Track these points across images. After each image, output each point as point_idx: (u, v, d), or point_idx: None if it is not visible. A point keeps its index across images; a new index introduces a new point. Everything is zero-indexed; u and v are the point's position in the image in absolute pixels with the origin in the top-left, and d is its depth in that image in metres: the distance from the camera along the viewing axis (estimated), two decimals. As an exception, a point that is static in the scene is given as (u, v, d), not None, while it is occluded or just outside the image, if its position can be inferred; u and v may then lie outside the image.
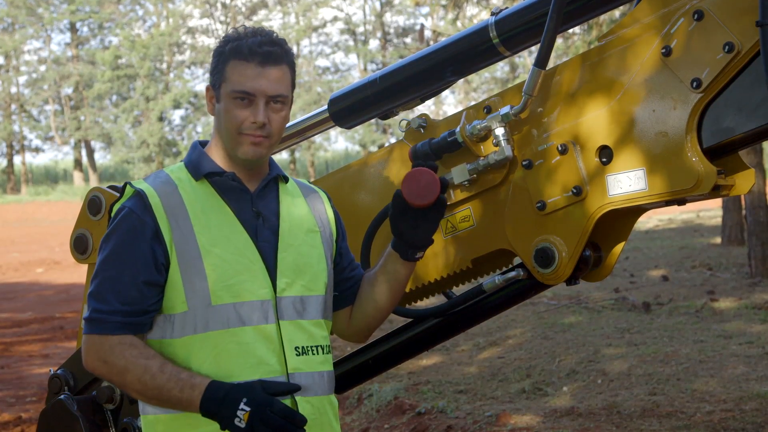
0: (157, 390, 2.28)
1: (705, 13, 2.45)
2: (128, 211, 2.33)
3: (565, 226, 2.68)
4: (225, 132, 2.38)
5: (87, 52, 50.12)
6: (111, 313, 2.30)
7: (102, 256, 2.34)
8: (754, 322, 8.35)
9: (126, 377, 2.30)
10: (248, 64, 2.34)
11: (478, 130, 2.79)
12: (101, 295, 2.31)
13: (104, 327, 2.30)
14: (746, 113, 2.46)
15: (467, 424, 5.82)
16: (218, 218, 2.36)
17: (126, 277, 2.30)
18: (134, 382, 2.29)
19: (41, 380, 8.20)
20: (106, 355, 2.30)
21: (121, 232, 2.33)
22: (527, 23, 2.82)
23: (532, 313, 9.42)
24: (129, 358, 2.29)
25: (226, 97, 2.36)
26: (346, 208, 3.12)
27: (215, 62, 2.39)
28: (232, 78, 2.35)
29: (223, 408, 2.23)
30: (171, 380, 2.27)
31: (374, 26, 48.95)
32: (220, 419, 2.24)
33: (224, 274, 2.32)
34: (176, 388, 2.27)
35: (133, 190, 2.36)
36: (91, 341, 2.32)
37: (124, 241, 2.32)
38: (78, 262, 3.67)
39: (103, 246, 2.35)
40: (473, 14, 24.62)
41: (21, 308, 13.40)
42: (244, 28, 2.40)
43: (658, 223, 20.99)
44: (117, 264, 2.31)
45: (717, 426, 5.36)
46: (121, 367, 2.29)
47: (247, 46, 2.35)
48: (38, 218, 34.39)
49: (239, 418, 2.21)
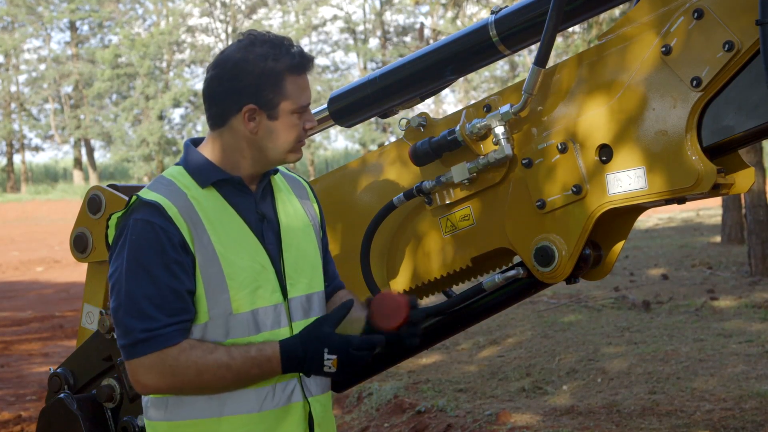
0: (237, 378, 2.27)
1: (705, 11, 2.45)
2: (146, 222, 2.26)
3: (564, 225, 2.68)
4: (281, 147, 2.35)
5: (87, 51, 50.10)
6: (163, 327, 2.24)
7: (127, 272, 2.25)
8: (754, 321, 8.35)
9: (203, 379, 2.26)
10: (300, 76, 2.35)
11: (477, 128, 2.79)
12: (144, 312, 2.23)
13: (160, 341, 2.24)
14: (746, 112, 2.46)
15: (467, 422, 5.82)
16: (230, 225, 2.34)
17: (164, 289, 2.24)
18: (213, 381, 2.26)
19: (41, 379, 8.20)
20: (173, 367, 2.24)
21: (146, 245, 2.25)
22: (527, 22, 2.82)
23: (531, 311, 9.42)
24: (198, 360, 2.24)
25: (287, 114, 2.33)
26: (346, 207, 3.13)
27: (266, 81, 2.30)
28: (294, 94, 2.33)
29: (308, 363, 2.27)
30: (246, 363, 2.26)
31: (374, 25, 48.92)
32: (308, 371, 2.29)
33: (243, 282, 2.31)
34: (255, 368, 2.26)
35: (143, 201, 2.29)
36: (149, 362, 2.25)
37: (151, 254, 2.24)
38: (78, 260, 3.67)
39: (127, 263, 2.26)
40: (473, 13, 24.60)
41: (21, 307, 13.40)
42: (267, 36, 2.35)
43: (658, 222, 20.99)
44: (149, 278, 2.24)
45: (717, 425, 5.36)
46: (195, 372, 2.25)
47: (298, 58, 2.33)
48: (38, 217, 34.38)
49: (328, 366, 2.25)
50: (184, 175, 2.37)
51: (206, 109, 2.40)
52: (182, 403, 2.34)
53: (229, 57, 2.33)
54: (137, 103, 46.69)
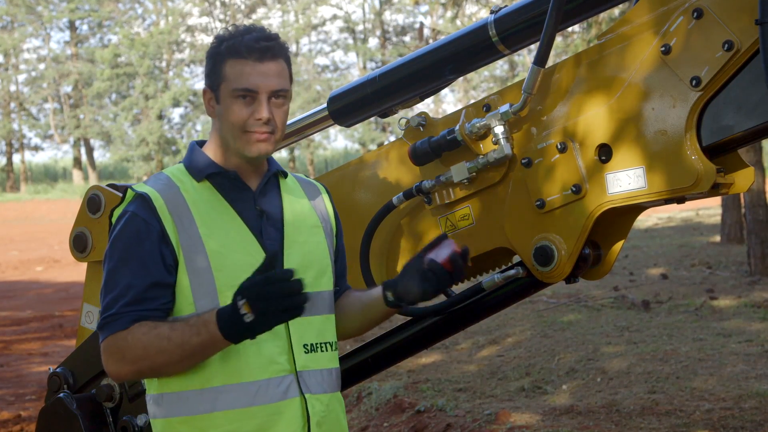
0: (181, 349, 2.22)
1: (704, 11, 2.45)
2: (131, 215, 2.31)
3: (564, 225, 2.68)
4: (229, 132, 2.36)
5: (86, 51, 50.08)
6: (120, 313, 2.27)
7: (110, 265, 2.31)
8: (754, 321, 8.35)
9: (151, 358, 2.24)
10: (246, 61, 2.33)
11: (477, 128, 2.79)
12: (114, 301, 2.28)
13: (112, 326, 2.27)
14: (745, 111, 2.46)
15: (466, 422, 5.82)
16: (222, 218, 2.35)
17: (131, 279, 2.27)
18: (159, 356, 2.23)
19: (41, 378, 8.20)
20: (122, 349, 2.25)
21: (126, 236, 2.30)
22: (526, 21, 2.82)
23: (531, 311, 9.42)
24: (142, 337, 2.24)
25: (227, 96, 2.34)
26: (346, 206, 3.13)
27: (211, 64, 2.37)
28: (231, 77, 2.33)
29: (233, 320, 2.15)
30: (186, 332, 2.21)
31: (373, 24, 48.92)
32: (236, 330, 2.16)
33: (231, 275, 2.30)
34: (194, 335, 2.20)
35: (134, 193, 2.34)
36: (105, 346, 2.28)
37: (130, 245, 2.29)
38: (77, 260, 3.67)
39: (109, 254, 2.32)
40: (472, 12, 24.61)
41: (20, 306, 13.40)
42: (235, 26, 2.39)
43: (658, 222, 20.99)
44: (125, 270, 2.28)
45: (716, 424, 5.37)
46: (141, 351, 2.24)
47: (244, 43, 2.33)
48: (37, 216, 34.38)
49: (243, 313, 2.12)
50: (182, 170, 2.41)
51: None
52: (177, 399, 2.33)
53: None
54: (137, 103, 46.68)
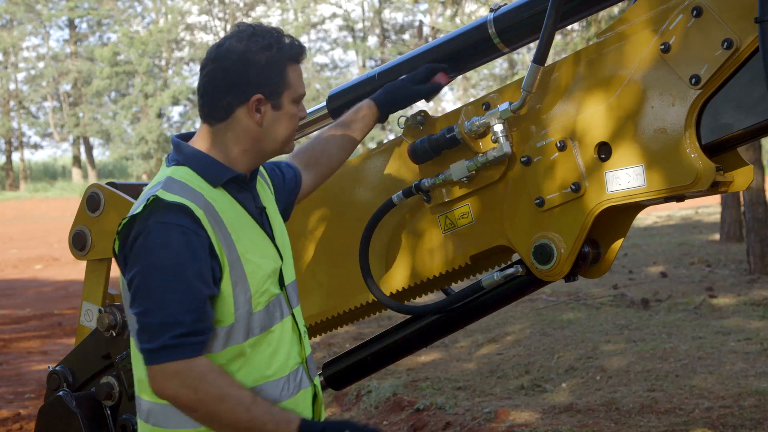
0: (250, 423, 2.19)
1: (704, 9, 2.44)
2: (176, 226, 2.18)
3: (563, 223, 2.68)
4: (281, 137, 2.35)
5: (85, 49, 50.08)
6: (191, 334, 2.17)
7: (157, 275, 2.17)
8: (753, 319, 8.35)
9: (219, 407, 2.17)
10: (298, 65, 2.36)
11: (476, 126, 2.79)
12: (175, 317, 2.15)
13: (189, 350, 2.16)
14: (745, 110, 2.46)
15: (466, 420, 5.83)
16: (243, 223, 2.33)
17: (196, 295, 2.18)
18: (227, 413, 2.18)
19: (40, 377, 8.20)
20: (197, 382, 2.16)
21: (176, 248, 2.17)
22: (526, 20, 2.82)
23: (530, 309, 9.43)
24: (223, 386, 2.18)
25: (289, 103, 2.34)
26: (345, 205, 3.13)
27: (269, 71, 2.29)
28: (294, 82, 2.34)
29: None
30: (265, 414, 2.20)
31: (373, 23, 48.90)
32: None
33: (260, 280, 2.31)
34: (271, 422, 2.19)
35: (167, 202, 2.21)
36: (174, 369, 2.16)
37: (184, 258, 2.17)
38: (77, 258, 3.67)
39: (155, 265, 2.17)
40: (472, 11, 24.61)
41: (20, 305, 13.40)
42: (256, 26, 2.35)
43: (657, 220, 21.00)
44: (182, 283, 2.16)
45: (715, 422, 5.37)
46: (216, 396, 2.17)
47: (296, 47, 2.34)
48: (37, 215, 34.38)
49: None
50: (193, 175, 2.31)
51: (205, 104, 2.35)
52: None
53: (232, 49, 2.30)
54: (136, 101, 46.69)
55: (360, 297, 3.11)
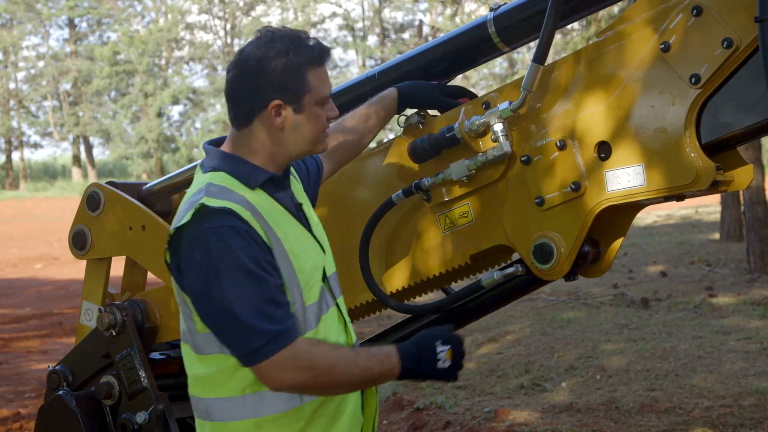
0: (363, 373, 2.29)
1: (704, 8, 2.45)
2: (229, 228, 2.21)
3: (563, 222, 2.68)
4: (308, 139, 2.37)
5: (85, 48, 50.04)
6: (282, 320, 2.22)
7: (226, 280, 2.19)
8: (753, 318, 8.35)
9: (334, 373, 2.25)
10: (321, 67, 2.36)
11: (476, 125, 2.79)
12: (264, 312, 2.20)
13: (286, 336, 2.21)
14: (745, 109, 2.46)
15: (466, 419, 5.83)
16: (285, 221, 2.36)
17: (272, 286, 2.23)
18: (341, 375, 2.27)
19: (40, 376, 8.20)
20: (308, 361, 2.23)
21: (238, 247, 2.20)
22: (526, 19, 2.82)
23: (530, 308, 9.43)
24: (328, 354, 2.26)
25: (312, 106, 2.35)
26: (345, 204, 3.13)
27: (288, 76, 2.31)
28: (316, 86, 2.34)
29: (423, 360, 2.33)
30: (369, 359, 2.30)
31: (372, 22, 48.88)
32: (422, 371, 2.34)
33: (308, 274, 2.35)
34: (377, 364, 2.29)
35: (214, 209, 2.23)
36: (283, 358, 2.21)
37: (245, 254, 2.21)
38: (76, 257, 3.68)
39: (211, 271, 2.20)
40: (472, 10, 24.61)
41: (20, 304, 13.40)
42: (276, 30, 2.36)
43: (657, 219, 21.00)
44: (255, 279, 2.21)
45: (715, 422, 5.37)
46: (327, 366, 2.24)
47: (317, 50, 2.35)
48: (37, 214, 34.38)
49: (442, 359, 2.34)
50: (230, 179, 2.34)
51: (230, 109, 2.39)
52: (264, 398, 2.32)
53: (251, 55, 2.33)
54: (136, 101, 46.67)
55: (360, 296, 3.11)
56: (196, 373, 2.38)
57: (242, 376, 2.29)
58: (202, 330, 2.30)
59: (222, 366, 2.31)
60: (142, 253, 3.52)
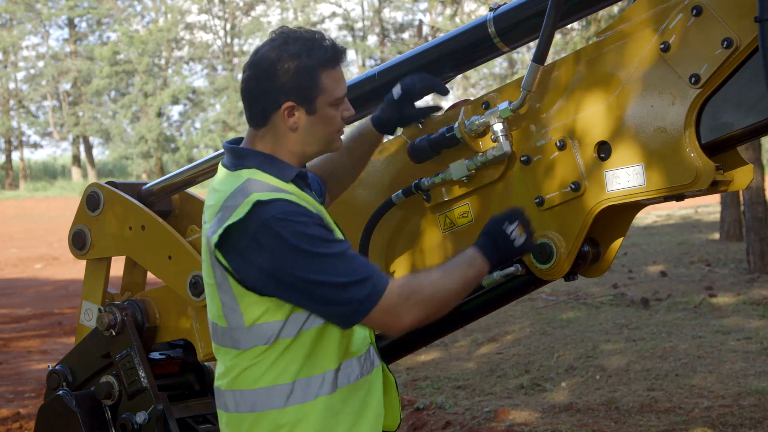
0: (461, 282, 2.37)
1: (703, 8, 2.45)
2: (290, 212, 2.25)
3: (563, 222, 2.68)
4: (322, 139, 2.41)
5: (85, 48, 50.03)
6: (372, 268, 2.29)
7: (307, 256, 2.24)
8: (753, 318, 8.36)
9: (438, 295, 2.33)
10: (336, 68, 2.39)
11: (476, 125, 2.79)
12: (357, 264, 2.27)
13: (383, 279, 2.28)
14: (745, 109, 2.46)
15: (466, 419, 5.83)
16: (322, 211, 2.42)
17: (348, 245, 2.32)
18: (445, 294, 2.35)
19: (40, 376, 8.20)
20: (415, 293, 2.30)
21: (304, 225, 2.25)
22: (526, 19, 2.82)
23: (530, 308, 9.43)
24: (425, 281, 2.33)
25: (325, 107, 2.38)
26: (345, 202, 3.13)
27: (301, 78, 2.33)
28: (329, 87, 2.37)
29: (501, 247, 2.43)
30: (459, 269, 2.38)
31: (372, 22, 48.90)
32: (506, 255, 2.45)
33: None
34: (468, 269, 2.39)
35: (268, 200, 2.26)
36: (390, 302, 2.28)
37: (316, 230, 2.26)
38: (76, 257, 3.68)
39: (290, 254, 2.24)
40: (471, 10, 24.61)
41: (19, 304, 13.40)
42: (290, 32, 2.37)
43: (657, 219, 21.00)
44: (332, 244, 2.28)
45: (715, 421, 5.37)
46: (432, 291, 2.32)
47: (332, 51, 2.37)
48: (36, 214, 34.38)
49: (516, 237, 2.45)
50: (264, 175, 2.37)
51: (246, 109, 2.42)
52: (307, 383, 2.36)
53: (264, 57, 2.36)
54: (136, 101, 46.68)
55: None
56: (239, 367, 2.38)
57: (292, 362, 2.32)
58: (252, 323, 2.32)
59: (273, 355, 2.33)
60: (141, 253, 3.52)
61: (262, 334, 2.33)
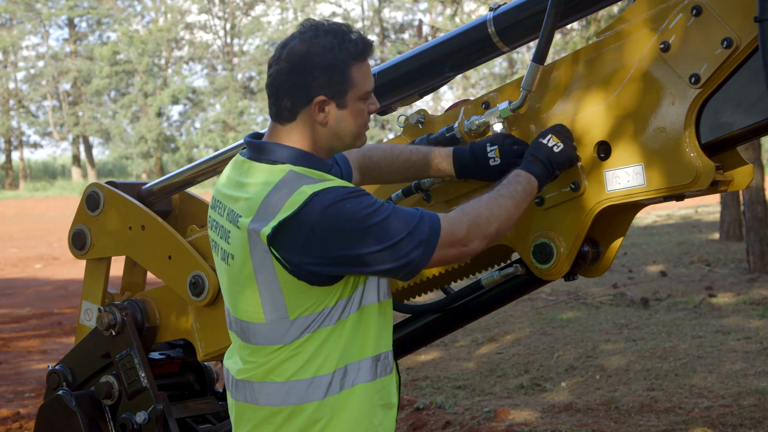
0: (514, 199, 2.43)
1: (703, 8, 2.45)
2: (344, 195, 2.26)
3: (563, 222, 2.68)
4: (350, 133, 2.39)
5: (85, 48, 50.03)
6: (421, 211, 2.32)
7: (367, 228, 2.25)
8: (752, 318, 8.36)
9: (494, 216, 2.37)
10: (364, 62, 2.37)
11: (476, 125, 2.79)
12: (409, 218, 2.28)
13: (434, 215, 2.31)
14: (745, 109, 2.46)
15: (465, 419, 5.83)
16: None
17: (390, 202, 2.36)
18: (502, 213, 2.39)
19: (40, 376, 8.20)
20: (472, 216, 2.34)
21: (359, 201, 2.26)
22: (526, 19, 2.82)
23: (530, 308, 9.43)
24: (480, 206, 2.38)
25: (356, 101, 2.36)
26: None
27: (331, 73, 2.32)
28: (359, 81, 2.35)
29: (543, 158, 2.53)
30: (509, 188, 2.45)
31: (372, 22, 48.89)
32: (550, 166, 2.54)
33: None
34: (517, 186, 2.46)
35: (320, 191, 2.26)
36: (451, 230, 2.31)
37: (372, 204, 2.27)
38: (76, 257, 3.68)
39: (355, 230, 2.25)
40: (471, 10, 24.63)
41: (19, 304, 13.39)
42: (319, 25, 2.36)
43: (657, 219, 21.00)
44: (386, 210, 2.28)
45: (715, 421, 5.37)
46: (488, 214, 2.36)
47: (361, 44, 2.35)
48: (36, 214, 34.37)
49: (553, 145, 2.56)
50: (299, 168, 2.35)
51: (273, 103, 2.39)
52: (355, 369, 2.37)
53: (295, 50, 2.33)
54: (136, 100, 46.68)
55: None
56: (277, 359, 2.36)
57: (332, 351, 2.32)
58: (297, 315, 2.31)
59: (312, 345, 2.32)
60: (141, 253, 3.52)
61: (305, 325, 2.32)
